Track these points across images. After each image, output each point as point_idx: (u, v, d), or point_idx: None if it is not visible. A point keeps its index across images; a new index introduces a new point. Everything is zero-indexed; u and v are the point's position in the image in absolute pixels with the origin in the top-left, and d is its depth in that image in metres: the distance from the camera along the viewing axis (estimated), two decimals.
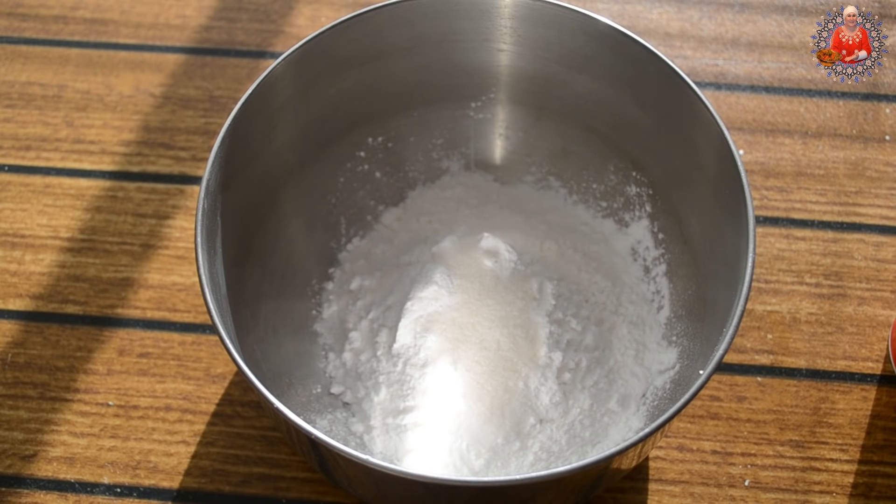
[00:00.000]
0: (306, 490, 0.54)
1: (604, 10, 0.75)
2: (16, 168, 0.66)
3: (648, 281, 0.58)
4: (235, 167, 0.51)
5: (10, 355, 0.58)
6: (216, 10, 0.75)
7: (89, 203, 0.65)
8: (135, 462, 0.55)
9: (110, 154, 0.67)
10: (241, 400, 0.57)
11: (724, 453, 0.55)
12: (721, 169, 0.50)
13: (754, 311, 0.60)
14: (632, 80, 0.55)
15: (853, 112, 0.68)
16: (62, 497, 0.53)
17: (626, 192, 0.59)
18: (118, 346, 0.59)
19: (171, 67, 0.72)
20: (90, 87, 0.70)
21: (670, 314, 0.56)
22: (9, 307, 0.60)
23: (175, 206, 0.65)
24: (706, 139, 0.51)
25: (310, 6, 0.75)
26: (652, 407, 0.52)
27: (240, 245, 0.53)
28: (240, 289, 0.52)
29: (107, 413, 0.56)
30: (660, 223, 0.58)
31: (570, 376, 0.54)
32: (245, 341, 0.50)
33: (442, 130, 0.62)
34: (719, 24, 0.74)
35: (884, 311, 0.60)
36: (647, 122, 0.55)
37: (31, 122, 0.69)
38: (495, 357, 0.54)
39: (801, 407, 0.56)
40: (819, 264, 0.62)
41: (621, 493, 0.54)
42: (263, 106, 0.53)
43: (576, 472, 0.41)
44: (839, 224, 0.63)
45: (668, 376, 0.53)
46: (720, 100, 0.69)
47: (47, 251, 0.63)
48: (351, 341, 0.56)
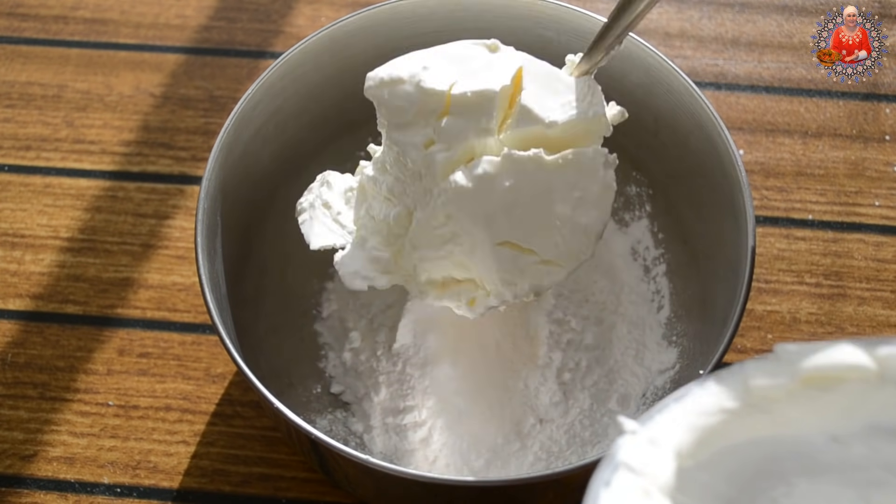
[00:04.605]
0: (306, 490, 0.54)
1: (604, 10, 0.74)
2: (16, 168, 0.66)
3: (648, 281, 0.58)
4: (235, 167, 0.51)
5: (10, 355, 0.58)
6: (216, 10, 0.75)
7: (89, 203, 0.65)
8: (135, 462, 0.55)
9: (110, 154, 0.67)
10: (241, 400, 0.57)
11: None
12: (721, 169, 0.50)
13: (754, 311, 0.60)
14: (631, 80, 0.55)
15: (853, 112, 0.68)
16: (62, 497, 0.53)
17: (626, 192, 0.59)
18: (118, 346, 0.59)
19: (171, 67, 0.72)
20: (90, 87, 0.70)
21: (670, 314, 0.56)
22: (9, 307, 0.60)
23: (175, 206, 0.65)
24: (706, 139, 0.51)
25: (310, 6, 0.75)
26: (652, 407, 0.52)
27: (240, 245, 0.53)
28: (240, 289, 0.52)
29: (107, 413, 0.56)
30: (660, 223, 0.58)
31: (569, 376, 0.54)
32: (245, 341, 0.50)
33: None
34: (719, 24, 0.74)
35: (884, 311, 0.60)
36: (647, 122, 0.55)
37: (31, 122, 0.69)
38: (495, 357, 0.54)
39: None
40: (819, 264, 0.62)
41: None
42: (263, 106, 0.53)
43: (576, 471, 0.42)
44: (839, 224, 0.63)
45: (668, 376, 0.53)
46: (720, 100, 0.69)
47: (47, 251, 0.63)
48: (351, 341, 0.56)
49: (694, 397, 0.29)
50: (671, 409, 0.29)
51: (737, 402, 0.29)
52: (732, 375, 0.30)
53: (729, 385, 0.29)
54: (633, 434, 0.28)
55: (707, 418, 0.29)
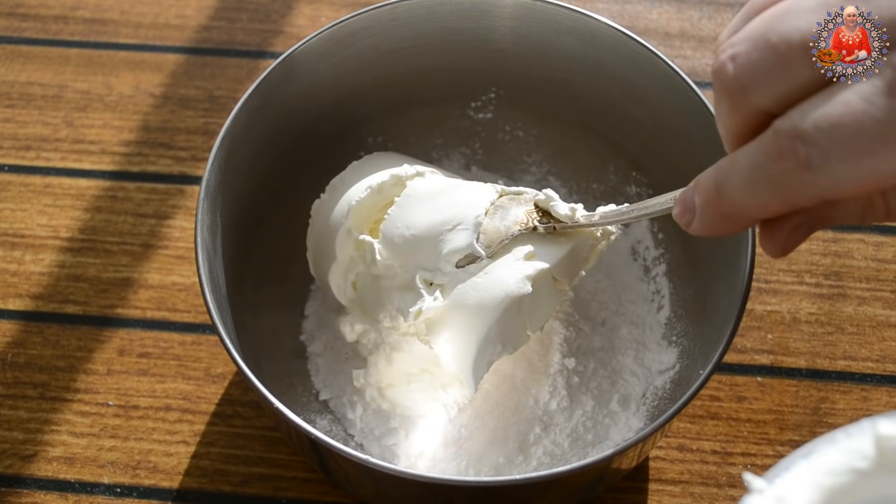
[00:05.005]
0: (306, 490, 0.54)
1: (604, 10, 0.75)
2: (16, 168, 0.66)
3: (648, 281, 0.58)
4: (235, 167, 0.51)
5: (10, 355, 0.58)
6: (216, 10, 0.75)
7: (89, 203, 0.65)
8: (135, 462, 0.54)
9: (110, 154, 0.67)
10: (241, 400, 0.57)
11: (724, 453, 0.55)
12: None
13: (754, 311, 0.60)
14: (631, 80, 0.55)
15: None
16: (62, 497, 0.53)
17: (626, 192, 0.59)
18: (118, 346, 0.59)
19: (171, 67, 0.72)
20: (90, 87, 0.70)
21: (670, 314, 0.56)
22: (9, 307, 0.60)
23: (175, 206, 0.65)
24: (706, 139, 0.51)
25: (310, 6, 0.75)
26: (652, 407, 0.52)
27: (240, 245, 0.53)
28: (240, 289, 0.52)
29: (107, 413, 0.56)
30: (660, 223, 0.58)
31: (577, 380, 0.54)
32: (245, 341, 0.50)
33: (442, 130, 0.62)
34: (719, 24, 0.74)
35: (884, 311, 0.60)
36: (647, 122, 0.55)
37: (31, 122, 0.69)
38: (510, 385, 0.54)
39: (801, 407, 0.56)
40: (819, 264, 0.62)
41: (621, 493, 0.54)
42: (263, 106, 0.53)
43: (575, 472, 0.41)
44: None
45: (668, 376, 0.53)
46: None
47: (47, 251, 0.62)
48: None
49: (822, 455, 0.29)
50: (798, 467, 0.28)
51: (867, 463, 0.28)
52: (863, 433, 0.29)
53: (859, 443, 0.29)
54: (761, 493, 0.28)
55: (836, 478, 0.28)
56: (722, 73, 0.31)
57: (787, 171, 0.30)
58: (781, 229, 0.35)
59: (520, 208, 0.48)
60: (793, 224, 0.34)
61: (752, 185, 0.31)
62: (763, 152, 0.31)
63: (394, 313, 0.50)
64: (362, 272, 0.52)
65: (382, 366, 0.52)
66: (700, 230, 0.35)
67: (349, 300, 0.53)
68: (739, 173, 0.32)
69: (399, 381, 0.52)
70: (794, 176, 0.30)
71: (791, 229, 0.34)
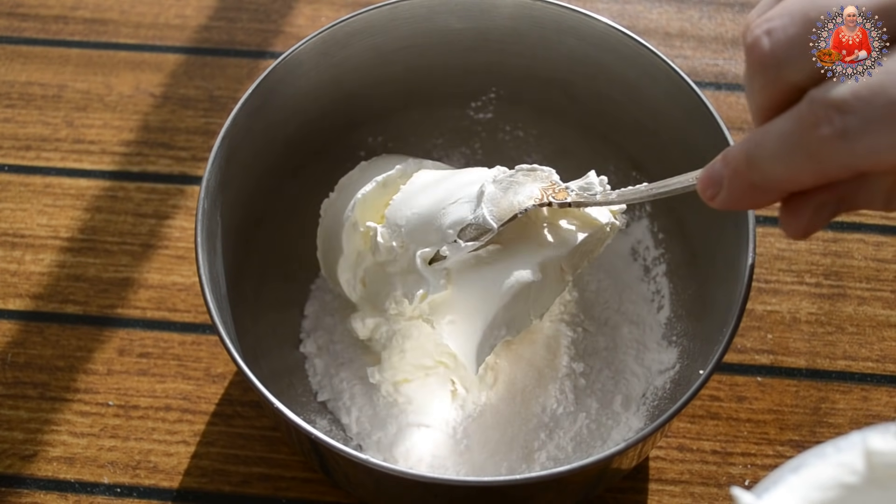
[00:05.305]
0: (306, 490, 0.54)
1: (604, 10, 0.75)
2: (16, 168, 0.66)
3: (648, 281, 0.58)
4: (235, 167, 0.51)
5: (10, 355, 0.58)
6: (216, 10, 0.75)
7: (89, 203, 0.65)
8: (135, 462, 0.54)
9: (110, 154, 0.67)
10: (241, 400, 0.57)
11: (724, 453, 0.55)
12: None
13: (754, 311, 0.60)
14: (631, 80, 0.55)
15: None
16: (62, 497, 0.53)
17: None
18: (118, 346, 0.59)
19: (171, 67, 0.72)
20: (90, 87, 0.70)
21: (670, 314, 0.56)
22: (9, 307, 0.60)
23: (175, 206, 0.65)
24: (706, 139, 0.51)
25: (310, 6, 0.75)
26: (652, 407, 0.52)
27: (240, 245, 0.53)
28: (240, 289, 0.52)
29: (107, 413, 0.56)
30: (660, 223, 0.58)
31: (584, 381, 0.54)
32: (245, 341, 0.50)
33: (442, 130, 0.62)
34: (719, 24, 0.74)
35: (884, 311, 0.60)
36: (647, 122, 0.55)
37: (31, 122, 0.69)
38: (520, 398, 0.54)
39: (801, 407, 0.56)
40: (819, 264, 0.62)
41: (621, 493, 0.54)
42: (263, 106, 0.53)
43: (575, 471, 0.41)
44: (839, 224, 0.63)
45: (668, 376, 0.53)
46: (720, 100, 0.69)
47: (47, 251, 0.62)
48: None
49: (811, 469, 0.28)
50: (787, 482, 0.28)
51: (857, 478, 0.28)
52: (853, 447, 0.28)
53: (849, 457, 0.28)
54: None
55: (825, 493, 0.28)
56: (757, 47, 0.31)
57: (822, 140, 0.30)
58: (806, 206, 0.34)
59: (535, 184, 0.48)
60: (818, 202, 0.34)
61: (785, 154, 0.31)
62: (797, 121, 0.30)
63: (399, 298, 0.50)
64: (370, 267, 0.52)
65: (396, 360, 0.52)
66: (726, 202, 0.34)
67: (359, 297, 0.53)
68: (772, 142, 0.31)
69: (414, 375, 0.52)
70: (828, 145, 0.30)
71: (816, 207, 0.34)
